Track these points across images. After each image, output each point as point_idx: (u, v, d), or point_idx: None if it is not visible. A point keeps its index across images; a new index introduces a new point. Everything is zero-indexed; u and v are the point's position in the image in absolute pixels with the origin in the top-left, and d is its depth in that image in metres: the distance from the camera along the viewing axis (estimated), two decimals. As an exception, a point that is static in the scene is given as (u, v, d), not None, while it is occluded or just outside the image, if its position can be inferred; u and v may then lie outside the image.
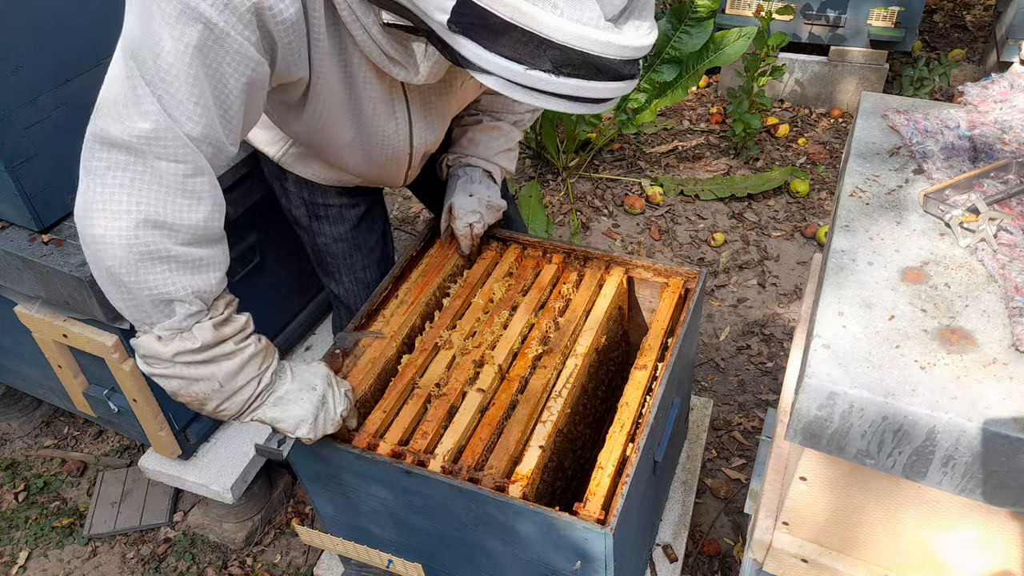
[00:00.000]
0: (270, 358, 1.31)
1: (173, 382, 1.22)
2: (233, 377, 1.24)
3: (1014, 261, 1.13)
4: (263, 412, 1.31)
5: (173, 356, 1.18)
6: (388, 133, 1.48)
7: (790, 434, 1.06)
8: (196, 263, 1.17)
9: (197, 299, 1.18)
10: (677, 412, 1.65)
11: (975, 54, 4.45)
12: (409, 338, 1.68)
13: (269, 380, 1.30)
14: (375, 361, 1.58)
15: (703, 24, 3.17)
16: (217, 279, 1.22)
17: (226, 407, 1.27)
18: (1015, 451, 0.92)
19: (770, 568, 1.31)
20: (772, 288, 3.05)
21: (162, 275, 1.14)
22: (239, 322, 1.26)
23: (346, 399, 1.41)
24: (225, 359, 1.23)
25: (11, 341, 2.07)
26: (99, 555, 2.29)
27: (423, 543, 1.57)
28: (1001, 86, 1.48)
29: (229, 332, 1.23)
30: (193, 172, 1.13)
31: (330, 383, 1.39)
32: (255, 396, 1.29)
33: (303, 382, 1.35)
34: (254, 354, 1.27)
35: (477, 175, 1.79)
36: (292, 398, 1.33)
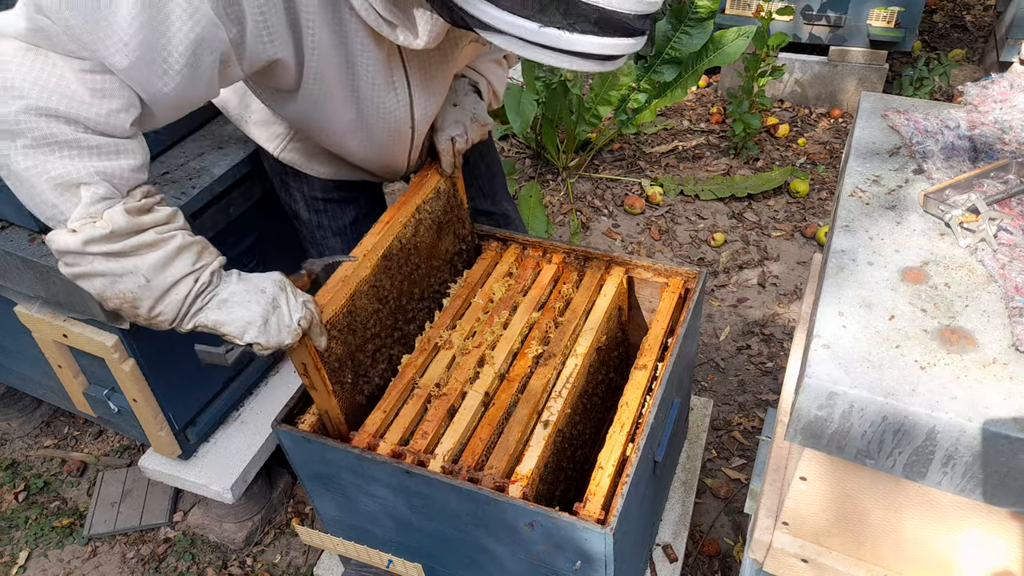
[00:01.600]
0: (209, 256, 1.21)
1: (96, 281, 1.12)
2: (160, 271, 1.14)
3: (1014, 261, 1.13)
4: (205, 315, 1.20)
5: (83, 245, 1.08)
6: (388, 106, 1.44)
7: (790, 434, 1.06)
8: (99, 148, 1.08)
9: (105, 182, 1.09)
10: (677, 412, 1.65)
11: (975, 54, 4.45)
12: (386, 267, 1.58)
13: (208, 279, 1.19)
14: (346, 280, 1.47)
15: (703, 24, 3.17)
16: (130, 165, 1.11)
17: (161, 310, 1.16)
18: (1015, 451, 0.92)
19: (770, 568, 1.31)
20: (772, 288, 3.05)
21: (60, 159, 1.06)
22: (162, 213, 1.16)
23: (305, 309, 1.29)
24: (147, 250, 1.13)
25: (11, 341, 2.07)
26: (99, 555, 2.29)
27: (423, 543, 1.57)
28: (1001, 86, 1.48)
29: (149, 221, 1.13)
30: (93, 69, 1.05)
31: (283, 288, 1.27)
32: (193, 296, 1.18)
33: (251, 285, 1.24)
34: (183, 246, 1.16)
35: (463, 87, 1.69)
36: (238, 300, 1.22)
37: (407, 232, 1.63)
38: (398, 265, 1.62)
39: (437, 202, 1.72)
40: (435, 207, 1.72)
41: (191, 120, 2.00)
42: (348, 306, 1.48)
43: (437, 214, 1.73)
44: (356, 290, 1.50)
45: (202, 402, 2.08)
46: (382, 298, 1.59)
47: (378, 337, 1.59)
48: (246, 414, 2.18)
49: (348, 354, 1.50)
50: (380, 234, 1.56)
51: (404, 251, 1.64)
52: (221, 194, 1.87)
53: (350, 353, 1.51)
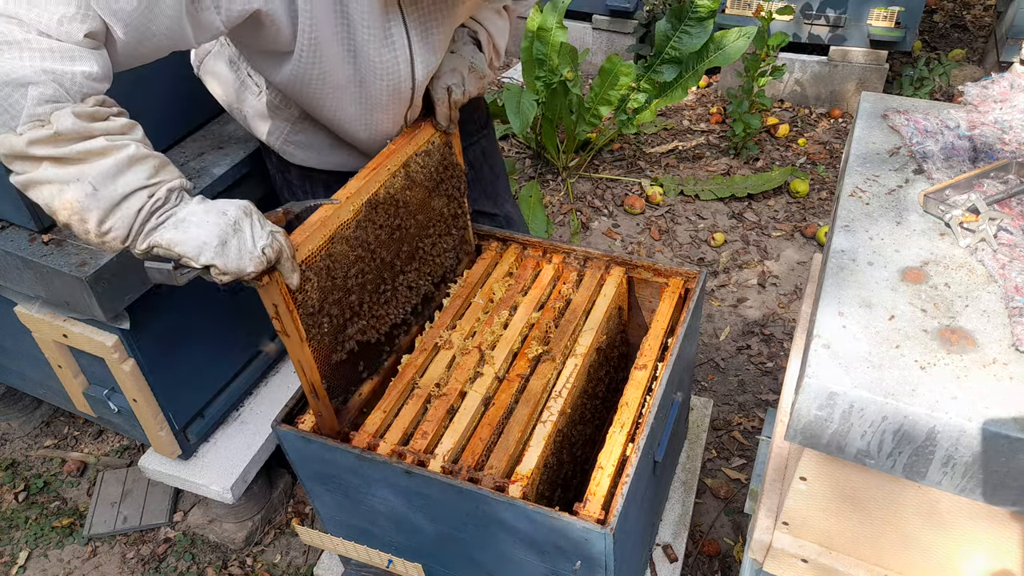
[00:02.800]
0: (168, 174, 1.15)
1: (44, 190, 1.07)
2: (110, 180, 1.08)
3: (1014, 261, 1.13)
4: (159, 234, 1.13)
5: (27, 145, 1.03)
6: (386, 62, 1.40)
7: (790, 434, 1.06)
8: (51, 50, 1.03)
9: (54, 83, 1.03)
10: (677, 412, 1.65)
11: (975, 54, 4.45)
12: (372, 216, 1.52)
13: (165, 196, 1.13)
14: (325, 221, 1.39)
15: (703, 24, 3.17)
16: (83, 72, 1.06)
17: (112, 224, 1.10)
18: (1015, 451, 0.92)
19: (770, 568, 1.31)
20: (772, 288, 3.05)
21: (9, 60, 1.01)
22: (116, 123, 1.10)
23: (272, 238, 1.21)
24: (96, 157, 1.07)
25: (11, 341, 2.07)
26: (99, 555, 2.29)
27: (423, 543, 1.57)
28: (1001, 86, 1.48)
29: (99, 128, 1.07)
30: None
31: (249, 214, 1.19)
32: (146, 213, 1.11)
33: (212, 207, 1.17)
34: (136, 157, 1.10)
35: (461, 35, 1.62)
36: (196, 220, 1.14)
37: (396, 182, 1.55)
38: (385, 216, 1.54)
39: (430, 158, 1.65)
40: (428, 163, 1.64)
41: (191, 120, 2.00)
42: (327, 248, 1.40)
43: (430, 170, 1.65)
44: (336, 233, 1.42)
45: (202, 402, 2.08)
46: (365, 248, 1.51)
47: (361, 290, 1.51)
48: (246, 414, 2.18)
49: (325, 301, 1.42)
50: (366, 179, 1.49)
51: (392, 202, 1.55)
52: (221, 194, 1.87)
53: (327, 300, 1.43)
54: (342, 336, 1.49)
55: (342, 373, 1.52)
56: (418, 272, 1.69)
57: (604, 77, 3.29)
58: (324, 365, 1.45)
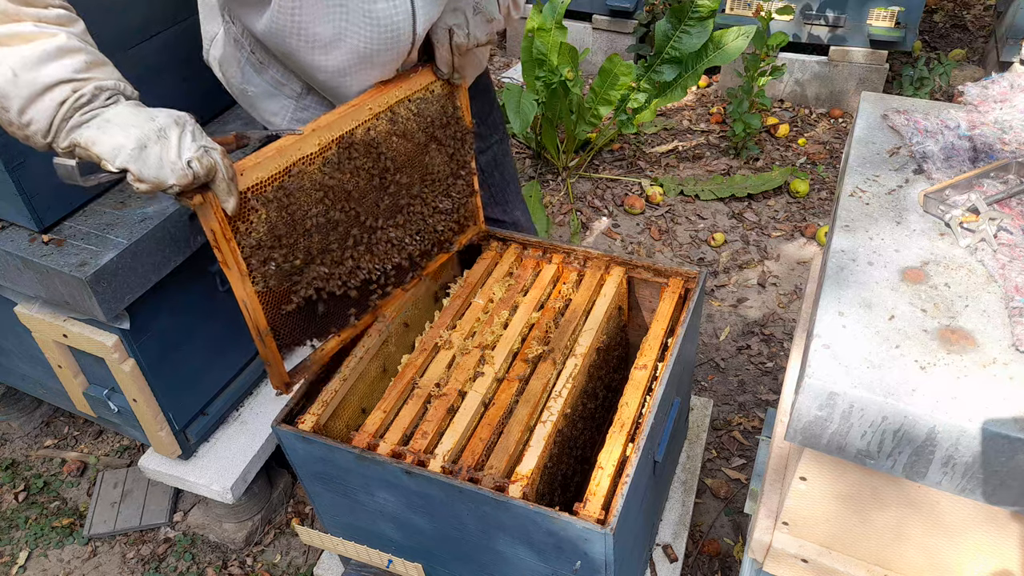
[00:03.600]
0: (101, 72, 1.09)
1: None
2: (32, 68, 1.02)
3: (1014, 261, 1.13)
4: (80, 132, 1.07)
5: None
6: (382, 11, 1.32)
7: (790, 434, 1.06)
8: None
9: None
10: (677, 412, 1.65)
11: (975, 54, 4.45)
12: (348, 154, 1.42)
13: (92, 94, 1.07)
14: (282, 151, 1.29)
15: (703, 23, 3.17)
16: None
17: (32, 116, 1.04)
18: (1015, 451, 0.92)
19: (770, 568, 1.31)
20: (772, 288, 3.05)
21: None
22: (54, 11, 1.05)
23: (204, 152, 1.13)
24: (21, 42, 1.02)
25: (11, 341, 2.07)
26: (99, 555, 2.29)
27: (423, 543, 1.57)
28: (1001, 86, 1.48)
29: (30, 13, 1.03)
30: None
31: (182, 124, 1.12)
32: (69, 107, 1.05)
33: (143, 111, 1.10)
34: (65, 48, 1.05)
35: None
36: (120, 122, 1.07)
37: (379, 125, 1.44)
38: (360, 159, 1.43)
39: (426, 105, 1.53)
40: (424, 110, 1.52)
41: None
42: (281, 180, 1.30)
43: (426, 119, 1.52)
44: (296, 166, 1.32)
45: (202, 402, 2.08)
46: (333, 189, 1.40)
47: (323, 234, 1.41)
48: (246, 414, 2.18)
49: (274, 236, 1.32)
50: (341, 115, 1.37)
51: (372, 145, 1.44)
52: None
53: (276, 235, 1.33)
54: (297, 280, 1.39)
55: (295, 322, 1.43)
56: (403, 229, 1.57)
57: (604, 77, 3.29)
58: (272, 308, 1.37)
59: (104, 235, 1.67)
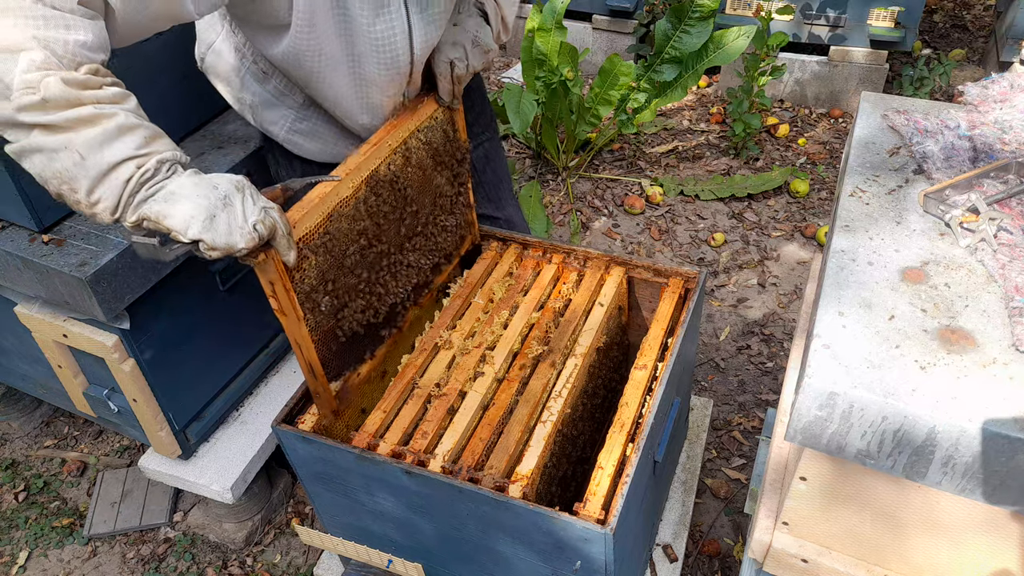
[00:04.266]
0: (160, 145, 1.12)
1: (35, 159, 1.06)
2: (97, 149, 1.06)
3: (1014, 261, 1.13)
4: (148, 207, 1.10)
5: (16, 111, 1.02)
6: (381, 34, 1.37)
7: (790, 434, 1.06)
8: (45, 18, 1.02)
9: (45, 50, 1.03)
10: (677, 412, 1.65)
11: (975, 54, 4.45)
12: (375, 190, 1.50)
13: (155, 168, 1.10)
14: (324, 198, 1.37)
15: (703, 23, 3.17)
16: (77, 40, 1.05)
17: (100, 195, 1.08)
18: (1015, 451, 0.92)
19: (770, 568, 1.31)
20: (772, 288, 3.05)
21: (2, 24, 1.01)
22: (107, 92, 1.08)
23: (265, 214, 1.18)
24: (84, 125, 1.05)
25: (11, 341, 2.07)
26: (99, 555, 2.29)
27: (423, 543, 1.57)
28: (1001, 86, 1.48)
29: (89, 96, 1.06)
30: None
31: (242, 189, 1.17)
32: (135, 184, 1.09)
33: (204, 180, 1.14)
34: (125, 127, 1.08)
35: (466, 6, 1.57)
36: (186, 193, 1.11)
37: (397, 159, 1.52)
38: (386, 193, 1.52)
39: (432, 133, 1.61)
40: (430, 138, 1.61)
41: (191, 120, 2.00)
42: (325, 226, 1.38)
43: (432, 146, 1.61)
44: (335, 211, 1.40)
45: (202, 402, 2.08)
46: (365, 225, 1.48)
47: (360, 268, 1.49)
48: (246, 414, 2.18)
49: (323, 279, 1.40)
50: (366, 155, 1.46)
51: (392, 179, 1.53)
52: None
53: (325, 278, 1.41)
54: (341, 315, 1.47)
55: (340, 352, 1.49)
56: (419, 252, 1.65)
57: (604, 77, 3.29)
58: (322, 345, 1.43)
59: (104, 235, 1.68)
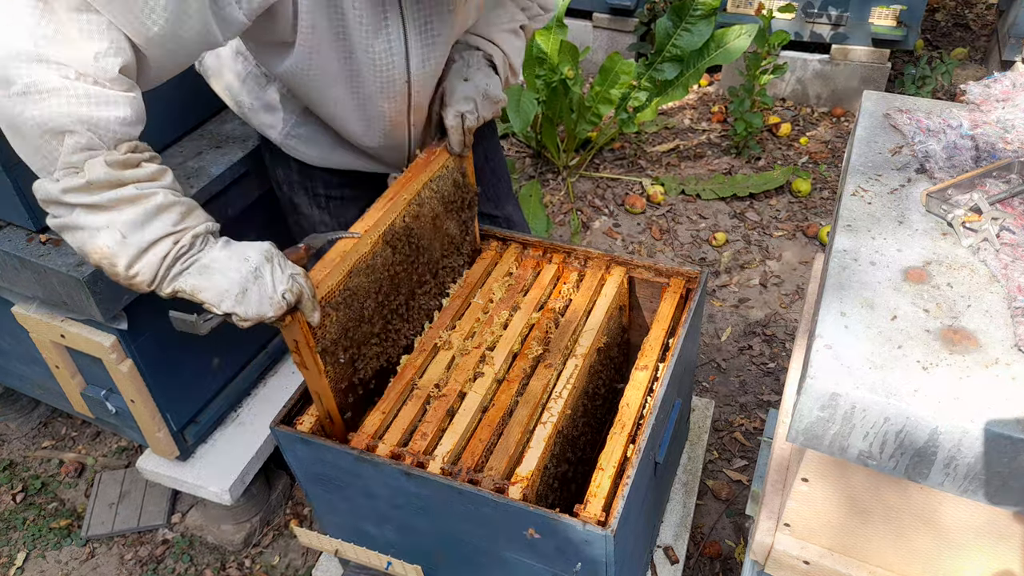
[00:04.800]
0: (194, 219, 1.18)
1: (77, 235, 1.11)
2: (138, 229, 1.11)
3: (1017, 261, 1.12)
4: (183, 280, 1.16)
5: (62, 193, 1.08)
6: (379, 52, 1.41)
7: (792, 435, 1.06)
8: (88, 96, 1.06)
9: (89, 132, 1.07)
10: (678, 413, 1.64)
11: (977, 53, 4.44)
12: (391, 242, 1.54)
13: (190, 243, 1.16)
14: (344, 256, 1.42)
15: (704, 21, 3.16)
16: (117, 118, 1.09)
17: (138, 270, 1.13)
18: (1017, 452, 0.91)
19: (771, 570, 1.31)
20: (774, 288, 3.04)
21: (47, 105, 1.04)
22: (146, 170, 1.13)
23: (293, 281, 1.23)
24: (126, 205, 1.10)
25: (9, 341, 2.07)
26: (97, 556, 2.28)
27: (422, 544, 1.56)
28: (1004, 85, 1.47)
29: (130, 176, 1.11)
30: (79, 7, 1.04)
31: (271, 259, 1.22)
32: (172, 259, 1.15)
33: (235, 252, 1.20)
34: (163, 206, 1.13)
35: (475, 60, 1.62)
36: (219, 267, 1.17)
37: (411, 210, 1.57)
38: (401, 244, 1.57)
39: (443, 182, 1.66)
40: (441, 187, 1.66)
41: (189, 119, 2.00)
42: (345, 283, 1.42)
43: (443, 194, 1.66)
44: (355, 267, 1.44)
45: (200, 403, 2.07)
46: (382, 277, 1.53)
47: (378, 317, 1.54)
48: (244, 415, 2.18)
49: (343, 333, 1.45)
50: (383, 210, 1.51)
51: (407, 230, 1.57)
52: (219, 193, 1.87)
53: (345, 332, 1.45)
54: (359, 362, 1.52)
55: (356, 402, 1.54)
56: (430, 294, 1.71)
57: (605, 75, 3.28)
58: (340, 393, 1.48)
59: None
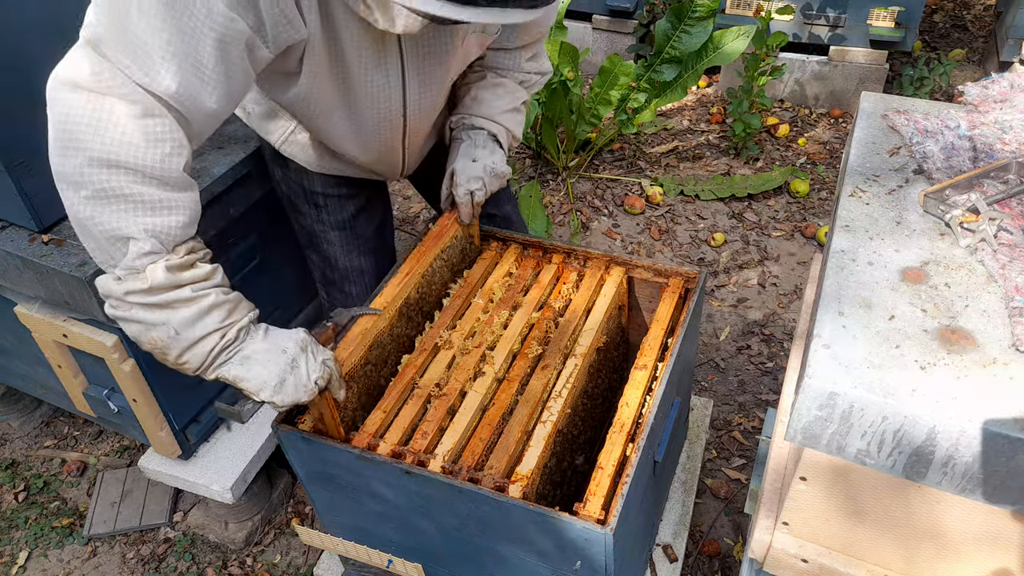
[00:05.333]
0: (239, 314, 1.26)
1: (132, 327, 1.20)
2: (190, 326, 1.19)
3: (1014, 261, 1.13)
4: (227, 369, 1.25)
5: (124, 295, 1.16)
6: (378, 85, 1.44)
7: (790, 434, 1.06)
8: (153, 203, 1.15)
9: (152, 238, 1.15)
10: (677, 412, 1.65)
11: (975, 54, 4.45)
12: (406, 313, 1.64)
13: (235, 336, 1.24)
14: (365, 333, 1.52)
15: (703, 23, 3.17)
16: (178, 223, 1.18)
17: (187, 359, 1.22)
18: (1015, 451, 0.92)
19: (770, 568, 1.31)
20: (772, 288, 3.05)
21: (116, 213, 1.13)
22: (201, 270, 1.22)
23: (324, 367, 1.32)
24: (182, 305, 1.19)
25: (11, 341, 2.07)
26: (99, 555, 2.29)
27: (423, 543, 1.57)
28: (1001, 86, 1.48)
29: (187, 278, 1.19)
30: (144, 113, 1.11)
31: (305, 348, 1.31)
32: (218, 350, 1.23)
33: (274, 343, 1.29)
34: (215, 305, 1.22)
35: (481, 139, 1.72)
36: (259, 358, 1.26)
37: (423, 281, 1.69)
38: (414, 313, 1.68)
39: (453, 250, 1.78)
40: (451, 255, 1.77)
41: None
42: (366, 356, 1.53)
43: (452, 262, 1.77)
44: (375, 341, 1.55)
45: (202, 402, 2.08)
46: (396, 343, 1.64)
47: (387, 372, 1.63)
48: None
49: (360, 397, 1.55)
50: (400, 286, 1.63)
51: (419, 301, 1.69)
52: (221, 194, 1.87)
53: (362, 396, 1.55)
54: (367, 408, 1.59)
55: None
56: None
57: (604, 77, 3.29)
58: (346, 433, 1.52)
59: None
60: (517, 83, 1.76)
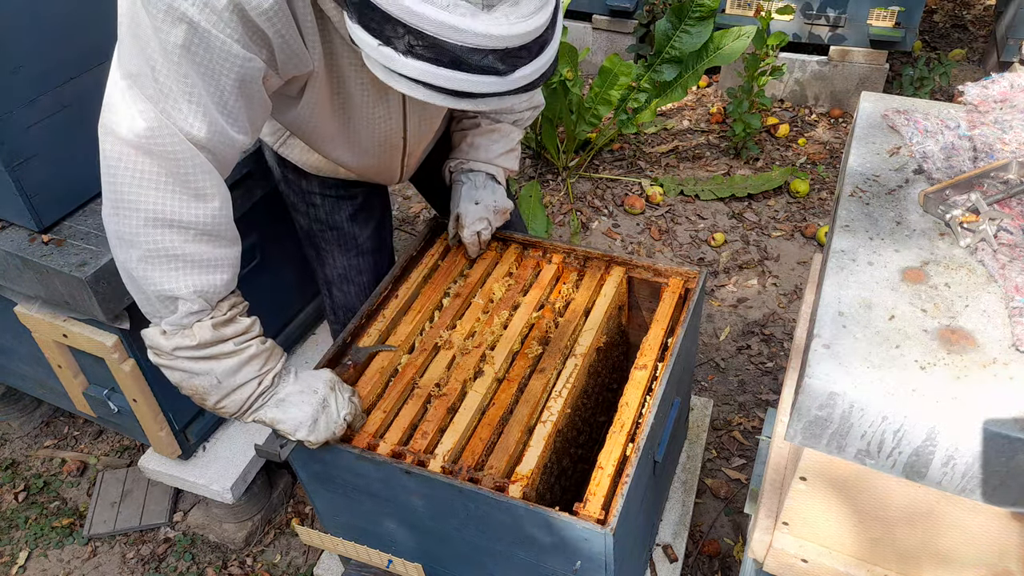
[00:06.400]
0: (273, 361, 1.34)
1: (175, 374, 1.27)
2: (232, 375, 1.28)
3: (1014, 261, 1.13)
4: (264, 412, 1.34)
5: (172, 350, 1.24)
6: (378, 116, 1.47)
7: (790, 434, 1.06)
8: (202, 263, 1.22)
9: (200, 298, 1.22)
10: (677, 412, 1.65)
11: (975, 54, 4.45)
12: None
13: (271, 383, 1.33)
14: (383, 371, 1.59)
15: (703, 23, 3.17)
16: (223, 281, 1.25)
17: (226, 404, 1.30)
18: (1015, 451, 0.92)
19: (770, 568, 1.31)
20: (772, 288, 3.05)
21: (167, 273, 1.19)
22: (242, 324, 1.29)
23: (351, 404, 1.42)
24: (225, 357, 1.27)
25: (11, 341, 2.07)
26: (99, 555, 2.29)
27: (423, 543, 1.57)
28: (1001, 86, 1.47)
29: (230, 333, 1.27)
30: (193, 169, 1.16)
31: (333, 387, 1.41)
32: (255, 396, 1.32)
33: (305, 385, 1.38)
34: (254, 355, 1.30)
35: (481, 180, 1.78)
36: (293, 400, 1.36)
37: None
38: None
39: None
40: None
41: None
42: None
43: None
44: (389, 376, 1.60)
45: (202, 402, 2.08)
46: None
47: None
48: (246, 414, 2.18)
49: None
50: (413, 323, 1.68)
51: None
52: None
53: None
54: None
55: None
56: None
57: (604, 77, 3.29)
58: None
59: (104, 235, 1.68)
60: (510, 124, 1.80)
